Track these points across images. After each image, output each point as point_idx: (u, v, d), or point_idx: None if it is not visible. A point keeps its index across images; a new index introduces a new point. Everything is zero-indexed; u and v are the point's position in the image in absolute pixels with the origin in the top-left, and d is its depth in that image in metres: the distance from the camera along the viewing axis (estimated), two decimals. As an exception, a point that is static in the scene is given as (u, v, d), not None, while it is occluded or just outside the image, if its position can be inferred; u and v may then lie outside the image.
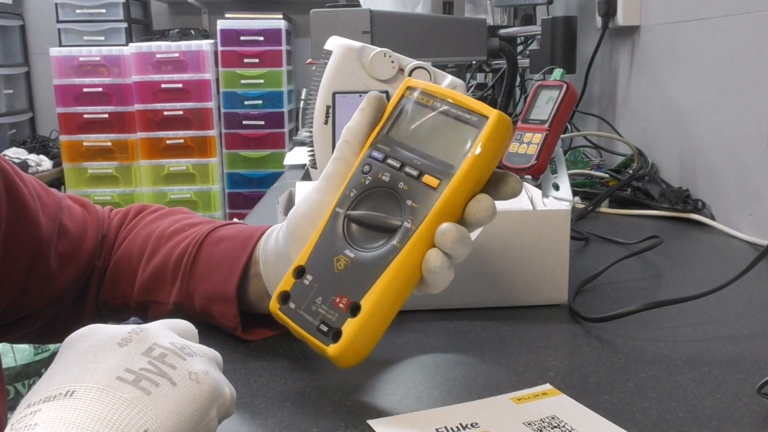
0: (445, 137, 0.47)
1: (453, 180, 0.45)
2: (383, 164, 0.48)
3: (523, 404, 0.48)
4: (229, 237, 0.58)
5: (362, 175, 0.48)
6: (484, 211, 0.46)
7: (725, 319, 0.63)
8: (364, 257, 0.46)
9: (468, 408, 0.48)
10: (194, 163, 3.35)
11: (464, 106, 0.47)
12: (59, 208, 0.61)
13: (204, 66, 3.27)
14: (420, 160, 0.47)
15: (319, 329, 0.46)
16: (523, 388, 0.50)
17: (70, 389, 0.33)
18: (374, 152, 0.48)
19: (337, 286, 0.46)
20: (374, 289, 0.45)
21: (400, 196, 0.46)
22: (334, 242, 0.47)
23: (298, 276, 0.48)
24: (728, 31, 0.99)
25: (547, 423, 0.45)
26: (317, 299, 0.47)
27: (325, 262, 0.47)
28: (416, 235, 0.45)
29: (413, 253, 0.45)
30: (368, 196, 0.48)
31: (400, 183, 0.46)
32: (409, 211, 0.46)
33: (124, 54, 3.26)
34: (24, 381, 2.18)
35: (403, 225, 0.45)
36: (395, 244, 0.45)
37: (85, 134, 3.30)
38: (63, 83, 3.26)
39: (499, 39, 1.51)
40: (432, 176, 0.46)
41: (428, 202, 0.45)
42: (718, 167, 1.02)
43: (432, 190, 0.45)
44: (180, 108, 3.29)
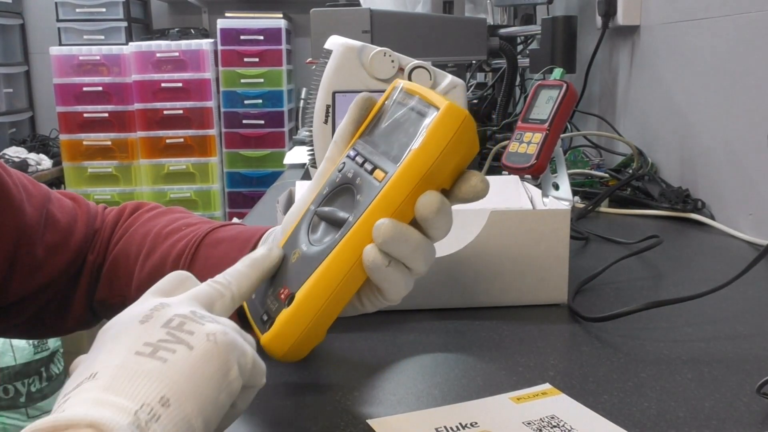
0: (404, 132, 0.46)
1: (395, 173, 0.44)
2: (353, 161, 0.48)
3: (522, 404, 0.48)
4: (228, 239, 0.58)
5: (337, 173, 0.48)
6: (426, 208, 0.43)
7: (725, 319, 0.63)
8: (311, 250, 0.46)
9: (467, 407, 0.48)
10: (194, 163, 3.35)
11: (426, 100, 0.45)
12: (47, 199, 0.62)
13: (204, 65, 3.27)
14: (378, 156, 0.46)
15: (261, 318, 0.46)
16: (523, 388, 0.50)
17: (93, 372, 0.34)
18: (351, 151, 0.49)
19: (286, 279, 0.46)
20: (309, 280, 0.44)
21: (355, 191, 0.46)
22: (299, 237, 0.48)
23: None
24: (728, 30, 0.99)
25: (546, 422, 0.45)
26: (270, 291, 0.47)
27: (287, 257, 0.47)
28: (354, 228, 0.44)
29: (349, 246, 0.44)
30: (336, 193, 0.48)
31: (358, 178, 0.46)
32: (356, 205, 0.45)
33: (124, 53, 3.26)
34: (24, 380, 2.18)
35: (348, 219, 0.45)
36: (336, 237, 0.45)
37: (85, 133, 3.30)
38: (63, 82, 3.26)
39: (499, 38, 1.50)
40: (381, 170, 0.45)
41: (370, 196, 0.44)
42: (718, 167, 1.02)
43: (377, 183, 0.44)
44: (180, 107, 3.29)
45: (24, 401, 2.19)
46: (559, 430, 0.45)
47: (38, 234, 0.59)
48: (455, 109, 0.43)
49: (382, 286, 0.46)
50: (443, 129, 0.43)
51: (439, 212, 0.44)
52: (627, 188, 1.12)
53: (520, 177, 0.83)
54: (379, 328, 0.62)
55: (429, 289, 0.65)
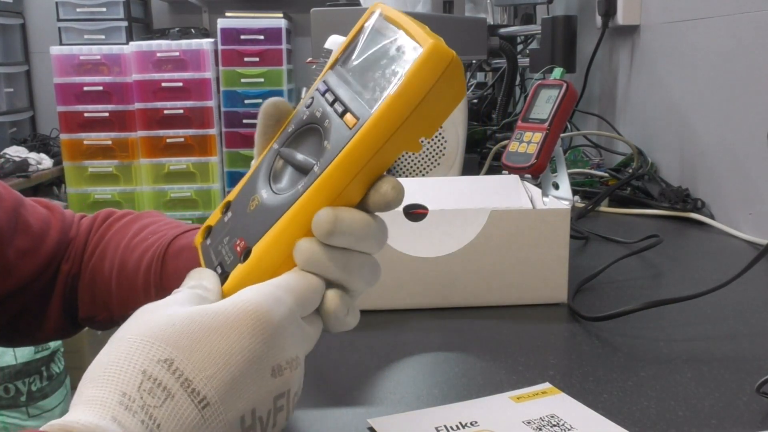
0: (381, 71, 0.39)
1: (368, 121, 0.37)
2: (322, 98, 0.41)
3: (522, 403, 0.49)
4: (187, 247, 0.57)
5: (304, 109, 0.42)
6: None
7: (724, 318, 0.63)
8: (272, 200, 0.40)
9: (467, 407, 0.48)
10: (194, 162, 3.35)
11: (408, 34, 0.38)
12: (19, 204, 0.61)
13: (204, 65, 3.27)
14: (350, 96, 0.39)
15: (216, 270, 0.41)
16: (523, 387, 0.50)
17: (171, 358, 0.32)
18: (321, 84, 0.42)
19: (242, 228, 0.41)
20: (267, 235, 0.39)
21: (323, 135, 0.39)
22: (259, 180, 0.42)
23: (224, 211, 0.44)
24: (728, 30, 0.99)
25: (546, 422, 0.46)
26: (225, 239, 0.42)
27: (244, 201, 0.42)
28: (318, 181, 0.38)
29: (312, 201, 0.38)
30: (302, 133, 0.42)
31: (326, 120, 0.40)
32: (323, 152, 0.39)
33: (125, 52, 3.26)
34: (24, 379, 2.18)
35: (313, 168, 0.39)
36: (299, 189, 0.39)
37: (85, 133, 3.29)
38: (63, 82, 3.26)
39: (499, 38, 1.51)
40: (353, 114, 0.38)
41: (340, 144, 0.37)
42: (718, 166, 1.02)
43: (347, 130, 0.38)
44: (180, 107, 3.29)
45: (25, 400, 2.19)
46: (559, 429, 0.45)
47: (8, 238, 0.59)
48: (441, 49, 0.36)
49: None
50: (426, 73, 0.36)
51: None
52: (627, 188, 1.13)
53: (520, 176, 0.83)
54: (379, 328, 0.62)
55: (429, 289, 0.65)
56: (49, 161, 3.24)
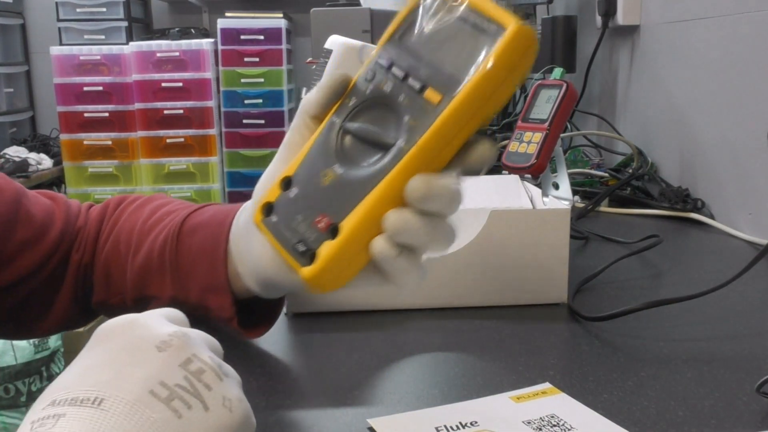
0: (457, 47, 0.40)
1: (456, 97, 0.38)
2: (388, 72, 0.42)
3: (522, 403, 0.49)
4: (202, 224, 0.57)
5: (365, 82, 0.43)
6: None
7: (724, 318, 0.63)
8: (353, 175, 0.41)
9: (467, 407, 0.48)
10: (194, 162, 3.34)
11: (482, 13, 0.39)
12: (21, 195, 0.61)
13: (204, 65, 3.27)
14: (426, 71, 0.40)
15: (295, 248, 0.42)
16: (523, 387, 0.50)
17: (99, 396, 0.31)
18: (381, 58, 0.42)
19: (320, 204, 0.42)
20: (357, 210, 0.40)
21: (400, 110, 0.41)
22: (325, 155, 0.43)
23: (284, 187, 0.44)
24: (728, 30, 0.99)
25: (546, 422, 0.46)
26: (298, 215, 0.42)
27: (312, 176, 0.43)
28: (408, 156, 0.39)
29: (402, 175, 0.40)
30: (368, 107, 0.42)
31: (401, 95, 0.41)
32: (406, 129, 0.40)
33: (125, 53, 3.26)
34: (24, 379, 2.18)
35: (396, 143, 0.40)
36: (386, 163, 0.40)
37: (85, 133, 3.29)
38: (63, 82, 3.26)
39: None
40: (435, 90, 0.39)
41: (426, 121, 0.39)
42: (718, 166, 1.02)
43: (432, 106, 0.39)
44: (180, 107, 3.29)
45: (25, 400, 2.19)
46: (559, 429, 0.45)
47: (8, 229, 0.59)
48: (527, 30, 0.38)
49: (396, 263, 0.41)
50: (514, 51, 0.38)
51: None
52: (627, 188, 1.13)
53: (520, 176, 0.83)
54: (379, 328, 0.62)
55: (429, 289, 0.65)
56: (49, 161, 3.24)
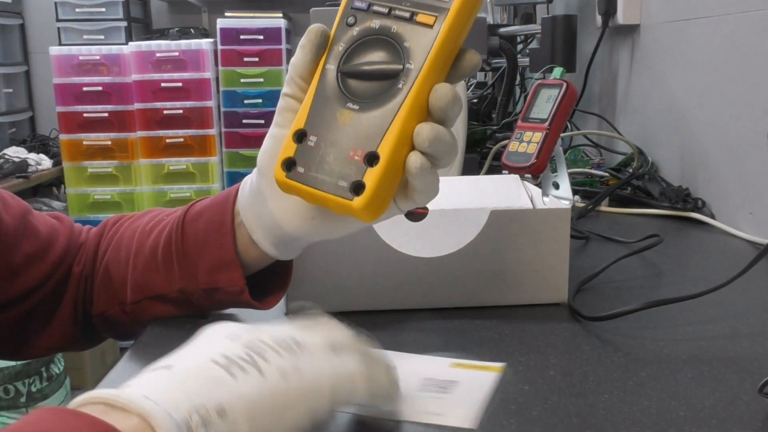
0: None
1: (449, 15, 0.43)
2: (369, 12, 0.46)
3: (456, 369, 0.52)
4: (206, 207, 0.58)
5: (347, 27, 0.46)
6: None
7: (725, 318, 0.63)
8: (370, 106, 0.44)
9: (400, 356, 0.54)
10: (194, 162, 3.34)
11: None
12: (27, 211, 0.63)
13: (204, 65, 3.27)
14: (410, 2, 0.45)
15: (339, 185, 0.44)
16: (523, 386, 0.50)
17: (169, 364, 0.37)
18: (356, 2, 0.46)
19: (348, 140, 0.44)
20: (389, 135, 0.43)
21: (395, 40, 0.44)
22: (333, 99, 0.46)
23: (299, 140, 0.46)
24: (728, 29, 0.99)
25: (436, 384, 0.50)
26: (328, 157, 0.45)
27: (327, 120, 0.45)
28: (422, 73, 0.43)
29: (421, 92, 0.43)
30: (359, 48, 0.46)
31: (393, 27, 0.45)
32: (410, 53, 0.44)
33: (124, 53, 3.25)
34: (24, 380, 2.18)
35: (404, 67, 0.44)
36: (400, 87, 0.44)
37: (85, 133, 3.29)
38: (63, 82, 3.25)
39: (499, 38, 1.50)
40: (426, 14, 0.44)
41: (426, 40, 0.43)
42: (718, 166, 1.02)
43: (428, 28, 0.43)
44: (180, 107, 3.28)
45: (24, 401, 2.19)
46: (438, 390, 0.49)
47: (16, 243, 0.60)
48: None
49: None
50: None
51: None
52: (627, 187, 1.12)
53: (521, 176, 0.83)
54: (379, 328, 0.62)
55: (429, 289, 0.65)
56: (48, 162, 3.24)
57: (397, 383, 0.44)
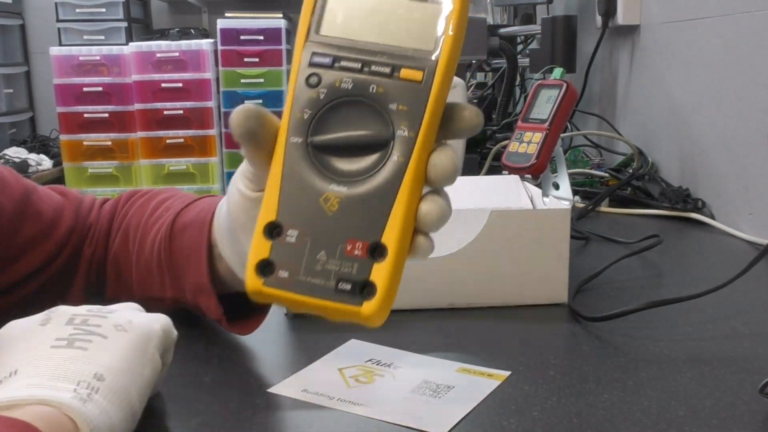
0: (402, 20, 0.38)
1: (438, 69, 0.37)
2: (335, 69, 0.38)
3: (459, 374, 0.52)
4: (189, 223, 0.56)
5: (309, 88, 0.38)
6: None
7: (725, 318, 0.63)
8: (361, 187, 0.37)
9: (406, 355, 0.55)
10: (194, 163, 3.34)
11: None
12: (30, 191, 0.61)
13: (204, 65, 3.27)
14: (384, 54, 0.37)
15: (339, 289, 0.36)
16: (523, 386, 0.50)
17: (12, 369, 0.37)
18: (316, 57, 0.38)
19: (342, 231, 0.36)
20: (394, 220, 0.36)
21: (377, 102, 0.37)
22: (309, 180, 0.37)
23: (272, 236, 0.37)
24: (728, 30, 0.99)
25: (432, 388, 0.50)
26: (319, 255, 0.36)
27: (308, 208, 0.37)
28: (420, 140, 0.36)
29: (420, 162, 0.37)
30: (329, 113, 0.38)
31: (371, 86, 0.37)
32: (399, 117, 0.37)
33: (124, 53, 3.26)
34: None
35: (396, 134, 0.37)
36: (397, 159, 0.37)
37: (85, 133, 3.29)
38: (63, 82, 3.26)
39: (499, 38, 1.50)
40: (411, 68, 0.37)
41: (420, 100, 0.37)
42: (718, 166, 1.02)
43: (417, 84, 0.37)
44: (180, 107, 3.29)
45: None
46: (431, 394, 0.49)
47: (15, 227, 0.59)
48: None
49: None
50: (465, 12, 0.37)
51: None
52: (627, 188, 1.12)
53: (521, 177, 0.83)
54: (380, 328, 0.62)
55: (429, 289, 0.65)
56: (48, 162, 3.24)
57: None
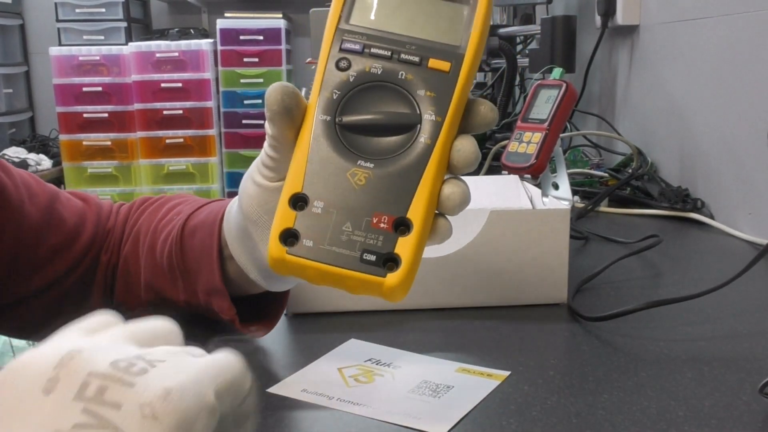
0: (430, 16, 0.41)
1: (465, 62, 0.39)
2: (365, 55, 0.40)
3: (459, 374, 0.52)
4: (199, 225, 0.56)
5: (339, 71, 0.41)
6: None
7: (725, 318, 0.63)
8: (389, 164, 0.39)
9: (413, 357, 0.55)
10: (194, 163, 3.35)
11: None
12: (54, 199, 0.61)
13: (203, 65, 3.27)
14: (413, 45, 0.40)
15: (364, 260, 0.37)
16: (522, 386, 0.50)
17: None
18: (347, 44, 0.41)
19: (369, 204, 0.38)
20: (419, 198, 0.38)
21: (406, 87, 0.40)
22: (336, 156, 0.39)
23: (299, 207, 0.38)
24: (728, 30, 0.99)
25: (431, 388, 0.50)
26: (345, 226, 0.38)
27: (335, 181, 0.39)
28: (446, 125, 0.39)
29: (446, 147, 0.39)
30: (358, 95, 0.40)
31: (400, 73, 0.40)
32: (427, 102, 0.39)
33: (124, 53, 3.26)
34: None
35: (424, 118, 0.39)
36: (424, 141, 0.39)
37: (84, 133, 3.29)
38: (63, 82, 3.26)
39: (498, 38, 1.51)
40: (439, 60, 0.40)
41: (447, 89, 0.39)
42: (718, 166, 1.02)
43: (445, 74, 0.39)
44: (180, 107, 3.29)
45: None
46: (430, 394, 0.49)
47: (41, 235, 0.59)
48: None
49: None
50: (490, 10, 0.40)
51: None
52: (626, 188, 1.13)
53: (520, 177, 0.83)
54: (380, 328, 0.62)
55: (429, 289, 0.65)
56: (48, 162, 3.24)
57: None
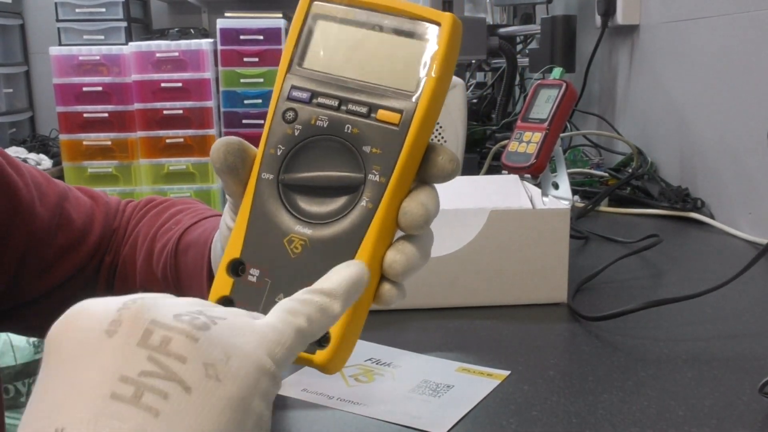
0: (385, 58, 0.36)
1: (417, 112, 0.35)
2: (312, 105, 0.37)
3: (459, 373, 0.52)
4: (192, 244, 0.55)
5: (285, 123, 0.37)
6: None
7: (724, 318, 0.63)
8: (327, 231, 0.35)
9: (413, 357, 0.54)
10: (194, 162, 3.34)
11: (401, 13, 0.36)
12: (63, 198, 0.61)
13: (204, 65, 3.27)
14: (363, 92, 0.36)
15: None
16: (522, 386, 0.50)
17: (57, 427, 0.24)
18: (294, 92, 0.37)
19: (303, 276, 0.34)
20: None
21: (351, 142, 0.35)
22: (276, 219, 0.36)
23: (235, 273, 0.36)
24: (728, 29, 0.99)
25: (431, 387, 0.50)
26: (277, 298, 0.35)
27: (272, 248, 0.36)
28: (391, 187, 0.34)
29: (391, 209, 0.35)
30: (303, 151, 0.36)
31: (346, 126, 0.36)
32: (372, 160, 0.35)
33: (124, 53, 3.26)
34: (24, 380, 2.18)
35: (368, 179, 0.35)
36: (365, 205, 0.35)
37: (85, 133, 3.29)
38: (63, 82, 3.25)
39: (498, 38, 1.51)
40: (388, 110, 0.35)
41: (393, 145, 0.35)
42: (718, 166, 1.02)
43: (393, 127, 0.35)
44: (180, 107, 3.29)
45: (25, 401, 2.19)
46: (430, 394, 0.49)
47: (50, 236, 0.59)
48: (459, 23, 0.35)
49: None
50: (454, 48, 0.35)
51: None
52: (626, 187, 1.12)
53: (520, 176, 0.83)
54: (380, 328, 0.62)
55: (429, 289, 0.65)
56: (48, 162, 3.24)
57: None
